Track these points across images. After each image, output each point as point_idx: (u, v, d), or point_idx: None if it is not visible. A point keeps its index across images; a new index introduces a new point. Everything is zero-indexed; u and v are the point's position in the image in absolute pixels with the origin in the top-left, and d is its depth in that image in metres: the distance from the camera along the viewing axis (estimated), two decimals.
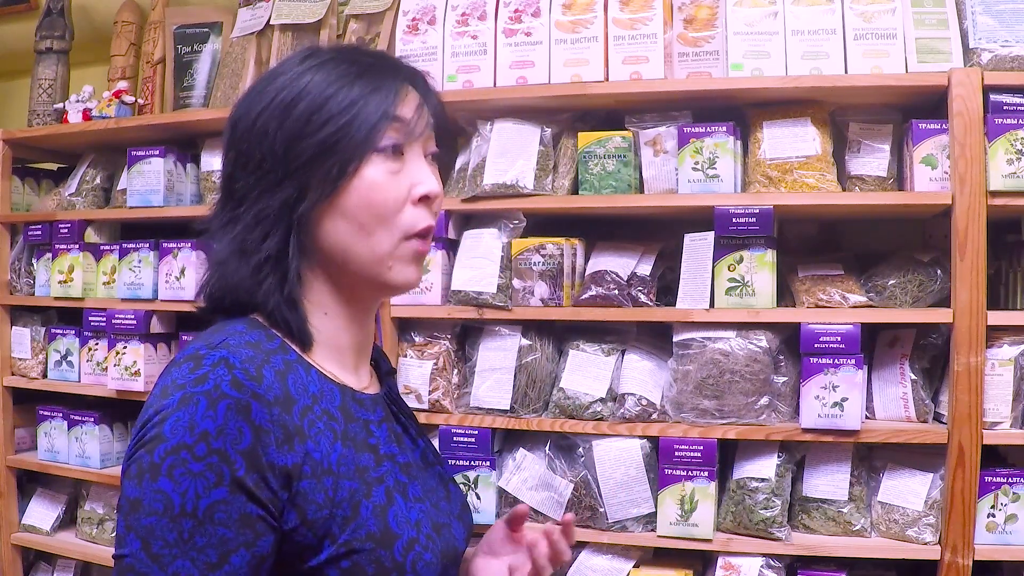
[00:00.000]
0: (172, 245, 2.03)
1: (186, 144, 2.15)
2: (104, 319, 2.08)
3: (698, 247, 1.65)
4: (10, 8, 2.51)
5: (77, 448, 2.13)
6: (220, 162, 0.92)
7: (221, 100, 2.07)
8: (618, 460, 1.64)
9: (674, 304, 1.66)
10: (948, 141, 1.54)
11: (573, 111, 1.79)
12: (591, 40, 1.71)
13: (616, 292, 1.67)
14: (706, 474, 1.58)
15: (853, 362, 1.54)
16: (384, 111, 0.83)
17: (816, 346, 1.55)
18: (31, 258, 2.28)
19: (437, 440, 1.73)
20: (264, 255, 0.82)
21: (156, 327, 2.07)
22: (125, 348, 2.05)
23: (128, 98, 2.17)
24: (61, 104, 2.25)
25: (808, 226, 1.88)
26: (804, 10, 1.64)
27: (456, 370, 1.79)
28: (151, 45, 2.27)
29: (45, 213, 2.24)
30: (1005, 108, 1.51)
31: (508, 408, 1.71)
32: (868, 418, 1.65)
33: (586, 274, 1.75)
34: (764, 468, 1.60)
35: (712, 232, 1.62)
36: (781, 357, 1.63)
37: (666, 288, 1.75)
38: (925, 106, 1.65)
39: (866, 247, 1.83)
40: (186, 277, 2.01)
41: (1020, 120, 1.50)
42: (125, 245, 2.09)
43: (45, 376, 2.25)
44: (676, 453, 1.60)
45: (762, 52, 1.65)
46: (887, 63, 1.60)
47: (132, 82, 2.29)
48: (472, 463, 1.71)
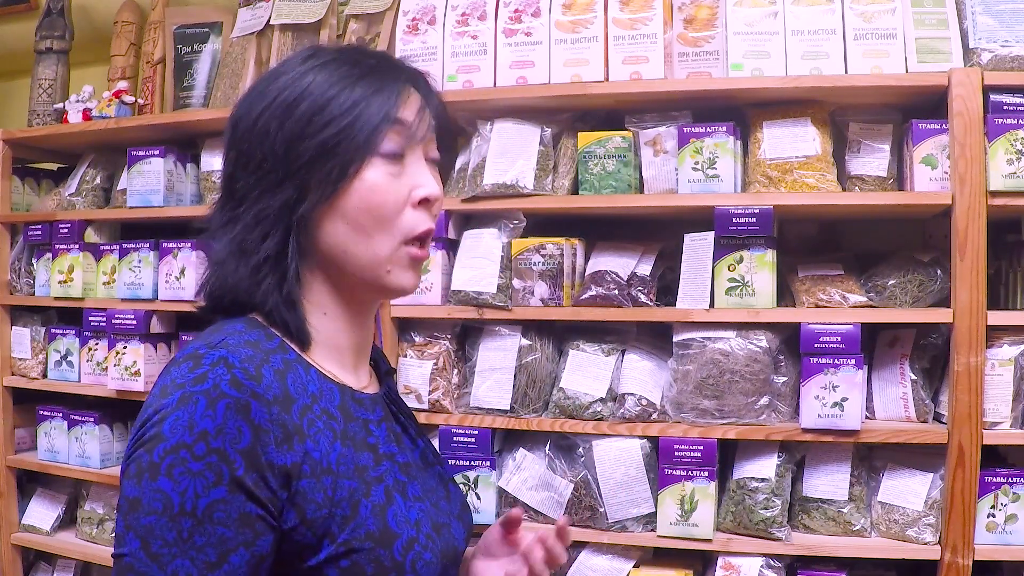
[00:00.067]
0: (172, 245, 2.03)
1: (186, 144, 2.15)
2: (104, 319, 2.08)
3: (698, 247, 1.65)
4: (10, 8, 2.51)
5: (77, 448, 2.13)
6: (220, 162, 0.92)
7: (221, 100, 2.07)
8: (618, 460, 1.64)
9: (674, 304, 1.66)
10: (948, 141, 1.54)
11: (573, 111, 1.79)
12: (591, 40, 1.71)
13: (616, 292, 1.67)
14: (706, 474, 1.58)
15: (853, 362, 1.53)
16: (386, 113, 0.83)
17: (816, 346, 1.55)
18: (31, 258, 2.28)
19: (437, 440, 1.73)
20: (263, 255, 0.82)
21: (156, 327, 2.07)
22: (125, 348, 2.05)
23: (128, 98, 2.17)
24: (61, 104, 2.24)
25: (808, 226, 1.88)
26: (804, 10, 1.64)
27: (456, 370, 1.79)
28: (151, 45, 2.27)
29: (45, 213, 2.24)
30: (1005, 108, 1.51)
31: (508, 408, 1.71)
32: (868, 418, 1.65)
33: (586, 274, 1.75)
34: (764, 468, 1.59)
35: (712, 232, 1.62)
36: (781, 357, 1.63)
37: (666, 288, 1.74)
38: (925, 106, 1.65)
39: (866, 247, 1.83)
40: (186, 277, 2.01)
41: (1020, 120, 1.50)
42: (125, 245, 2.09)
43: (45, 376, 2.25)
44: (676, 453, 1.60)
45: (762, 52, 1.65)
46: (887, 63, 1.60)
47: (132, 82, 2.29)
48: (472, 463, 1.71)
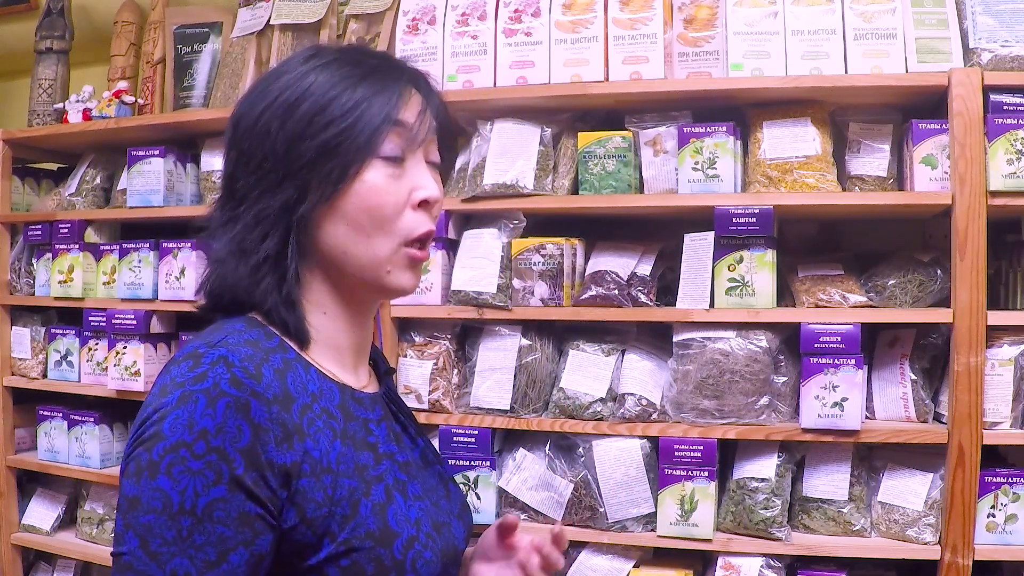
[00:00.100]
0: (172, 245, 2.03)
1: (186, 144, 2.15)
2: (104, 319, 2.08)
3: (698, 247, 1.65)
4: (10, 8, 2.51)
5: (77, 448, 2.13)
6: (220, 162, 0.92)
7: (221, 100, 2.07)
8: (618, 460, 1.64)
9: (674, 304, 1.66)
10: (948, 141, 1.54)
11: (573, 111, 1.79)
12: (591, 40, 1.71)
13: (616, 292, 1.67)
14: (706, 474, 1.58)
15: (853, 362, 1.53)
16: (387, 115, 0.83)
17: (816, 346, 1.55)
18: (31, 258, 2.28)
19: (437, 440, 1.73)
20: (263, 255, 0.82)
21: (156, 327, 2.07)
22: (125, 348, 2.05)
23: (128, 98, 2.17)
24: (61, 104, 2.25)
25: (808, 226, 1.88)
26: (804, 10, 1.64)
27: (456, 370, 1.79)
28: (151, 45, 2.27)
29: (45, 213, 2.24)
30: (1005, 108, 1.51)
31: (508, 408, 1.71)
32: (868, 418, 1.65)
33: (586, 274, 1.75)
34: (764, 468, 1.59)
35: (712, 232, 1.62)
36: (781, 357, 1.63)
37: (666, 288, 1.74)
38: (925, 106, 1.65)
39: (866, 247, 1.82)
40: (186, 277, 2.00)
41: (1020, 120, 1.50)
42: (125, 245, 2.09)
43: (45, 376, 2.25)
44: (676, 453, 1.60)
45: (762, 52, 1.65)
46: (887, 63, 1.60)
47: (132, 82, 2.29)
48: (472, 463, 1.71)
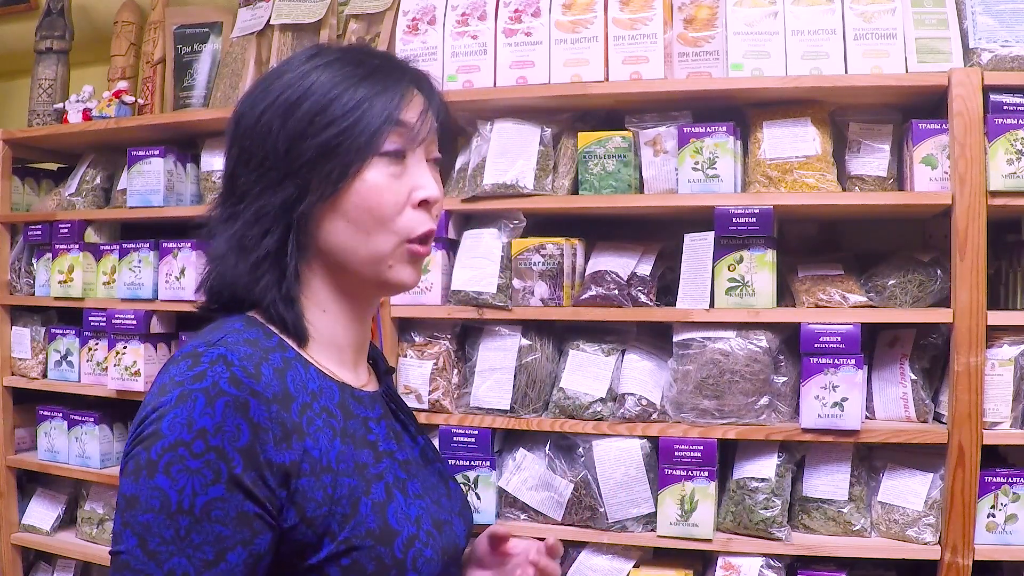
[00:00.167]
0: (172, 245, 2.03)
1: (186, 144, 2.15)
2: (104, 319, 2.08)
3: (698, 247, 1.65)
4: (10, 8, 2.51)
5: (77, 448, 2.13)
6: (220, 162, 0.92)
7: (221, 100, 2.07)
8: (618, 460, 1.64)
9: (674, 304, 1.66)
10: (948, 141, 1.54)
11: (573, 111, 1.79)
12: (591, 40, 1.71)
13: (616, 292, 1.67)
14: (706, 474, 1.58)
15: (853, 362, 1.53)
16: (388, 115, 0.83)
17: (816, 346, 1.54)
18: (31, 258, 2.28)
19: (437, 440, 1.73)
20: (263, 252, 0.83)
21: (156, 327, 2.07)
22: (125, 348, 2.05)
23: (128, 98, 2.17)
24: (61, 104, 2.24)
25: (808, 226, 1.88)
26: (804, 10, 1.64)
27: (456, 370, 1.79)
28: (151, 45, 2.27)
29: (45, 213, 2.24)
30: (1005, 108, 1.51)
31: (508, 408, 1.71)
32: (868, 418, 1.65)
33: (586, 274, 1.75)
34: (764, 468, 1.59)
35: (712, 232, 1.62)
36: (781, 357, 1.63)
37: (666, 288, 1.74)
38: (925, 106, 1.65)
39: (866, 247, 1.82)
40: (186, 277, 2.00)
41: (1020, 120, 1.50)
42: (125, 245, 2.09)
43: (45, 376, 2.25)
44: (676, 453, 1.60)
45: (762, 52, 1.65)
46: (887, 63, 1.60)
47: (132, 82, 2.29)
48: (472, 463, 1.71)
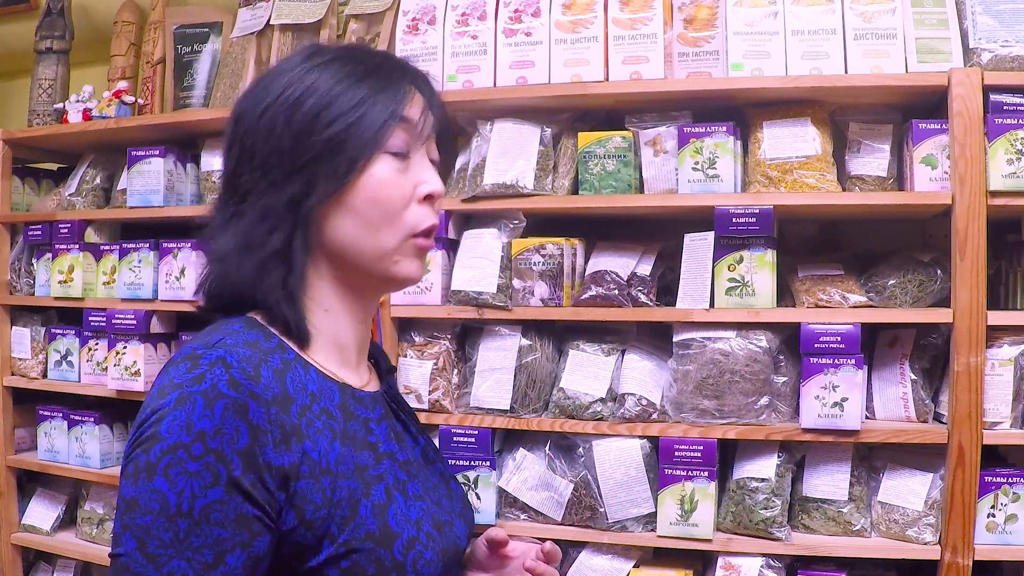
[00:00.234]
0: (172, 245, 2.03)
1: (186, 144, 2.15)
2: (104, 319, 2.08)
3: (698, 247, 1.65)
4: (10, 8, 2.51)
5: (77, 448, 2.13)
6: (220, 161, 0.92)
7: (221, 100, 2.07)
8: (618, 460, 1.64)
9: (674, 304, 1.66)
10: (948, 141, 1.54)
11: (573, 111, 1.79)
12: (591, 40, 1.71)
13: (616, 292, 1.67)
14: (706, 474, 1.58)
15: (853, 362, 1.53)
16: (393, 111, 0.84)
17: (816, 346, 1.54)
18: (31, 258, 2.28)
19: (437, 440, 1.73)
20: (270, 250, 0.83)
21: (156, 327, 2.07)
22: (125, 348, 2.05)
23: (128, 98, 2.16)
24: (61, 104, 2.24)
25: (808, 226, 1.88)
26: (804, 10, 1.64)
27: (456, 370, 1.79)
28: (151, 45, 2.27)
29: (45, 213, 2.24)
30: (1005, 108, 1.51)
31: (508, 408, 1.71)
32: (868, 418, 1.65)
33: (586, 274, 1.75)
34: (764, 468, 1.59)
35: (712, 232, 1.62)
36: (781, 357, 1.63)
37: (666, 288, 1.74)
38: (925, 106, 1.65)
39: (866, 247, 1.82)
40: (186, 277, 2.00)
41: (1020, 120, 1.50)
42: (125, 245, 2.09)
43: (45, 376, 2.25)
44: (676, 453, 1.60)
45: (762, 52, 1.64)
46: (887, 63, 1.60)
47: (132, 82, 2.29)
48: (472, 463, 1.71)
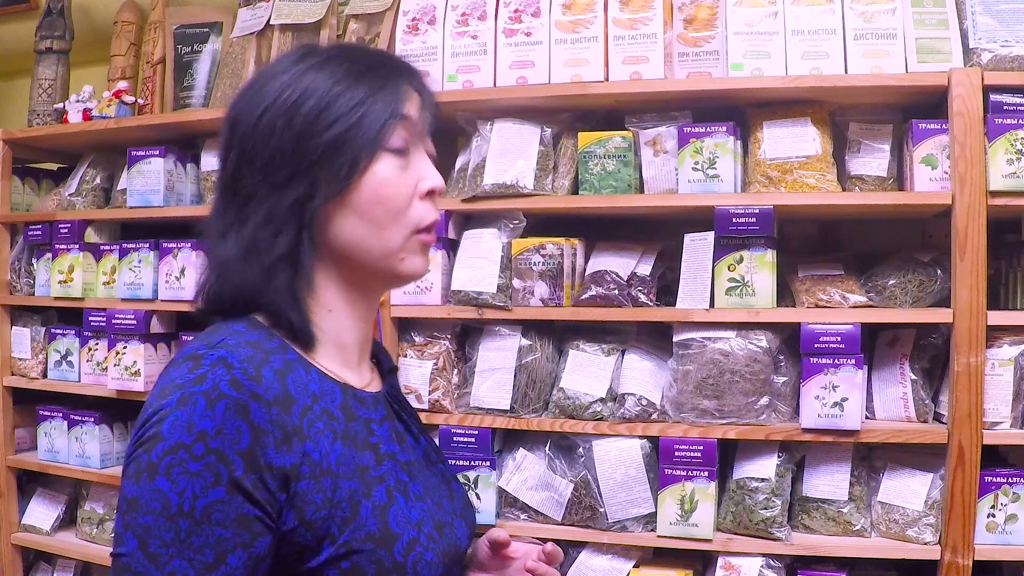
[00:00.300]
0: (172, 245, 2.03)
1: (186, 144, 2.15)
2: (104, 319, 2.08)
3: (698, 247, 1.65)
4: (10, 8, 2.51)
5: (77, 448, 2.13)
6: (217, 162, 0.92)
7: (221, 100, 2.07)
8: (618, 460, 1.64)
9: (674, 304, 1.66)
10: (948, 141, 1.54)
11: (573, 111, 1.79)
12: (591, 40, 1.71)
13: (616, 292, 1.67)
14: (706, 474, 1.58)
15: (853, 362, 1.53)
16: (393, 109, 0.84)
17: (816, 346, 1.54)
18: (31, 258, 2.28)
19: (437, 440, 1.73)
20: (276, 254, 0.82)
21: (156, 327, 2.07)
22: (125, 348, 2.05)
23: (128, 98, 2.17)
24: (61, 104, 2.24)
25: (808, 226, 1.88)
26: (804, 10, 1.64)
27: (456, 370, 1.79)
28: (151, 45, 2.27)
29: (45, 213, 2.24)
30: (1005, 108, 1.51)
31: (508, 408, 1.71)
32: (868, 418, 1.65)
33: (586, 274, 1.75)
34: (764, 468, 1.59)
35: (712, 232, 1.62)
36: (781, 357, 1.63)
37: (666, 288, 1.74)
38: (925, 106, 1.65)
39: (866, 247, 1.83)
40: (186, 277, 2.01)
41: (1020, 120, 1.50)
42: (125, 245, 2.09)
43: (45, 376, 2.25)
44: (676, 453, 1.60)
45: (762, 52, 1.65)
46: (887, 63, 1.60)
47: (132, 82, 2.29)
48: (472, 463, 1.71)
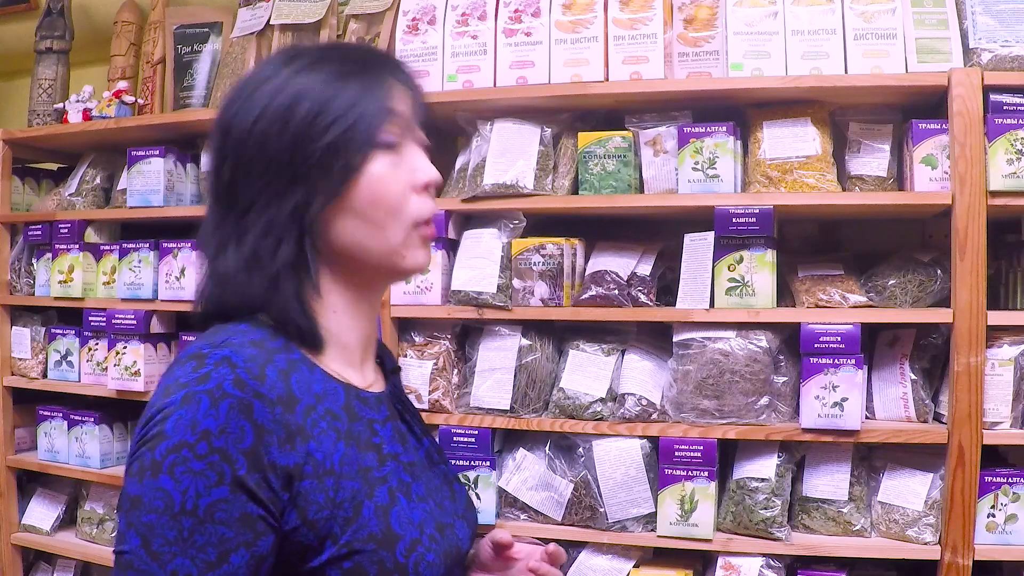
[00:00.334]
0: (172, 245, 2.03)
1: (186, 144, 2.15)
2: (104, 319, 2.08)
3: (698, 247, 1.65)
4: (10, 8, 2.50)
5: (77, 448, 2.13)
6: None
7: (221, 100, 2.06)
8: (618, 460, 1.64)
9: (674, 304, 1.66)
10: (948, 141, 1.54)
11: (573, 111, 1.79)
12: (591, 40, 1.71)
13: (616, 292, 1.67)
14: (706, 474, 1.58)
15: (853, 362, 1.54)
16: (383, 107, 0.84)
17: (816, 346, 1.55)
18: (31, 258, 2.28)
19: (437, 440, 1.72)
20: (280, 264, 0.82)
21: (156, 327, 2.07)
22: (125, 348, 2.05)
23: (128, 98, 2.16)
24: (61, 104, 2.24)
25: (808, 226, 1.88)
26: (804, 10, 1.64)
27: (456, 370, 1.79)
28: (151, 45, 2.27)
29: (45, 213, 2.24)
30: (1005, 108, 1.51)
31: (508, 408, 1.71)
32: (868, 418, 1.65)
33: (586, 274, 1.75)
34: (764, 468, 1.60)
35: (712, 232, 1.62)
36: (781, 357, 1.63)
37: (666, 288, 1.75)
38: (925, 106, 1.66)
39: (866, 247, 1.83)
40: (186, 277, 2.00)
41: (1020, 120, 1.50)
42: (125, 245, 2.09)
43: (45, 376, 2.25)
44: (676, 453, 1.60)
45: (762, 52, 1.65)
46: (887, 63, 1.60)
47: (132, 82, 2.29)
48: (472, 463, 1.71)
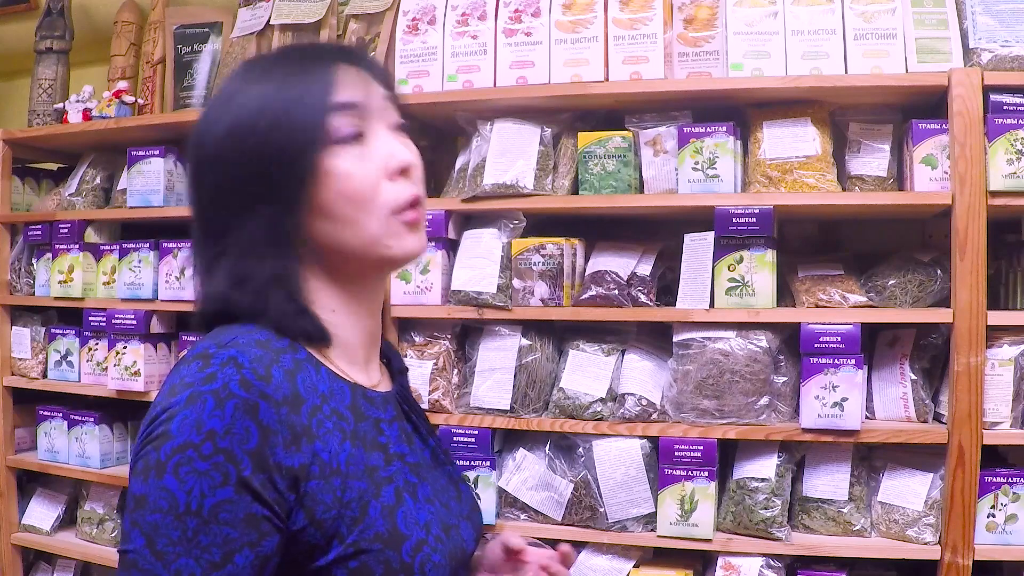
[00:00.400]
0: (172, 245, 2.03)
1: (186, 144, 2.14)
2: (104, 319, 2.08)
3: (698, 247, 1.65)
4: (10, 8, 2.50)
5: (77, 448, 2.13)
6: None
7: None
8: (618, 460, 1.64)
9: (674, 304, 1.66)
10: (948, 141, 1.55)
11: (573, 111, 1.79)
12: (591, 40, 1.71)
13: (616, 292, 1.67)
14: (706, 474, 1.58)
15: (853, 362, 1.54)
16: (325, 103, 0.82)
17: (816, 346, 1.55)
18: (31, 258, 2.28)
19: None
20: (266, 277, 0.82)
21: (156, 327, 2.07)
22: (125, 348, 2.05)
23: (128, 98, 2.16)
24: (61, 104, 2.24)
25: (808, 226, 1.88)
26: (804, 10, 1.65)
27: (456, 370, 1.79)
28: (151, 45, 2.27)
29: (45, 213, 2.24)
30: (1005, 108, 1.52)
31: (508, 408, 1.71)
32: (868, 418, 1.66)
33: (586, 274, 1.75)
34: (764, 468, 1.60)
35: (712, 232, 1.62)
36: (781, 357, 1.64)
37: (666, 288, 1.75)
38: (925, 106, 1.66)
39: (866, 247, 1.83)
40: (186, 277, 2.00)
41: (1020, 120, 1.50)
42: (125, 245, 2.09)
43: (45, 376, 2.25)
44: (676, 453, 1.60)
45: (762, 52, 1.65)
46: (887, 63, 1.60)
47: (132, 82, 2.29)
48: (472, 463, 1.71)
